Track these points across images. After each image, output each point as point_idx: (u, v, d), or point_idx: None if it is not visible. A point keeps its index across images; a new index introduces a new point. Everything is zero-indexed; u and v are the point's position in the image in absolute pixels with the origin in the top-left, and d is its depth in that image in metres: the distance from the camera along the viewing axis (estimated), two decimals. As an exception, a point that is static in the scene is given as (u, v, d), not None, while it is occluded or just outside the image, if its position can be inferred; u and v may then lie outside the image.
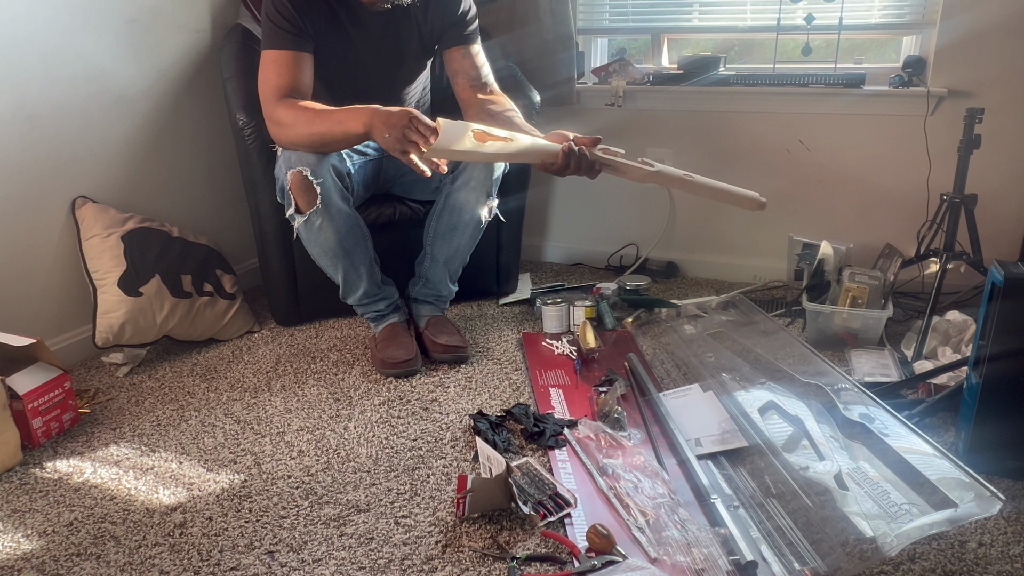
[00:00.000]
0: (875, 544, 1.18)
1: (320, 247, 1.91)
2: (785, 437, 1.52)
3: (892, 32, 2.43)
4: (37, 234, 1.98)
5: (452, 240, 2.00)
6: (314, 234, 1.88)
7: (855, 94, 2.33)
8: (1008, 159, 2.24)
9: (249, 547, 1.33)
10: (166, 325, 2.03)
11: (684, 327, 2.16)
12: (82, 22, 2.00)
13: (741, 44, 2.69)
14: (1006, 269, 1.41)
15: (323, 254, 1.93)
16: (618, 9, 2.67)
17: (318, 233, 1.87)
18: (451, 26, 1.98)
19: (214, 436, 1.70)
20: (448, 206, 1.99)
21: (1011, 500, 1.38)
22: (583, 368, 1.94)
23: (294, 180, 1.80)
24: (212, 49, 2.39)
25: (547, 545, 1.30)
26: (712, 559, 1.22)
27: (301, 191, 1.80)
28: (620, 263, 2.76)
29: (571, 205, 2.83)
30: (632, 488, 1.41)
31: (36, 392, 1.66)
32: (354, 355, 2.08)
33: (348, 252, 1.93)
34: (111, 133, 2.12)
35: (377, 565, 1.28)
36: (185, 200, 2.38)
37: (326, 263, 1.96)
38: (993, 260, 1.50)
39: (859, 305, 2.03)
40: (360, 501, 1.45)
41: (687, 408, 1.68)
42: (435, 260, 2.06)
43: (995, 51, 2.17)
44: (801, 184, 2.49)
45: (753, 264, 2.61)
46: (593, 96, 2.63)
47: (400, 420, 1.74)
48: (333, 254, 1.92)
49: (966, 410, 1.50)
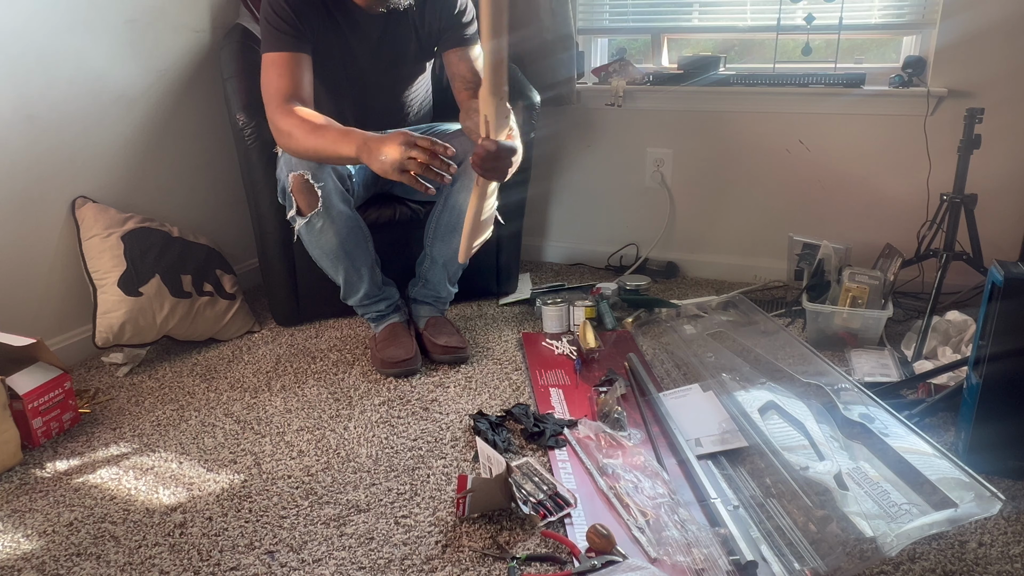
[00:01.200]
0: (875, 544, 1.18)
1: (321, 249, 1.91)
2: (785, 437, 1.52)
3: (892, 32, 2.43)
4: (37, 234, 1.98)
5: (451, 241, 2.00)
6: (315, 236, 1.88)
7: (855, 94, 2.33)
8: (1008, 159, 2.24)
9: (249, 547, 1.33)
10: (166, 325, 2.03)
11: (684, 327, 2.16)
12: (82, 22, 2.00)
13: (741, 44, 2.69)
14: (1006, 269, 1.41)
15: (324, 256, 1.93)
16: (618, 9, 2.67)
17: (319, 235, 1.87)
18: (448, 28, 1.97)
19: (214, 436, 1.70)
20: (448, 207, 1.99)
21: (1011, 500, 1.38)
22: (583, 368, 1.94)
23: (296, 183, 1.80)
24: (212, 49, 2.39)
25: (547, 545, 1.30)
26: (712, 559, 1.22)
27: (302, 193, 1.81)
28: (620, 263, 2.76)
29: (571, 205, 2.83)
30: (632, 488, 1.41)
31: (36, 392, 1.66)
32: (354, 355, 2.08)
33: (349, 254, 1.93)
34: (111, 133, 2.12)
35: (377, 565, 1.28)
36: (185, 200, 2.38)
37: (327, 265, 1.96)
38: (993, 260, 1.50)
39: (859, 305, 2.03)
40: (360, 501, 1.45)
41: (687, 408, 1.68)
42: (434, 261, 2.06)
43: (995, 51, 2.17)
44: (801, 184, 2.49)
45: (753, 264, 2.61)
46: (593, 96, 2.63)
47: (400, 420, 1.74)
48: (334, 256, 1.92)
49: (966, 410, 1.50)
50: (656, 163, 2.64)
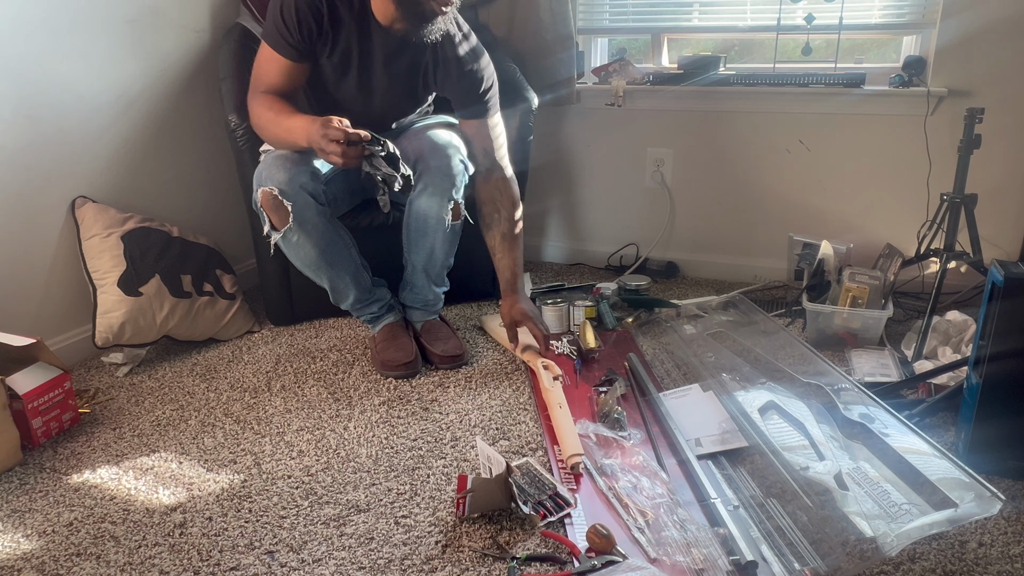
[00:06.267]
0: (875, 544, 1.18)
1: (302, 261, 1.90)
2: (785, 437, 1.52)
3: (892, 32, 2.43)
4: (37, 234, 1.98)
5: (423, 245, 1.98)
6: (293, 249, 1.87)
7: (855, 94, 2.33)
8: (1008, 159, 2.24)
9: (249, 547, 1.33)
10: (166, 325, 2.03)
11: (684, 327, 2.16)
12: (82, 22, 2.00)
13: (741, 44, 2.69)
14: (1006, 269, 1.41)
15: (306, 267, 1.92)
16: (618, 9, 2.67)
17: (297, 248, 1.86)
18: (471, 103, 1.93)
19: (214, 436, 1.70)
20: (413, 214, 1.95)
21: (1011, 500, 1.38)
22: (583, 368, 1.94)
23: (264, 199, 1.78)
24: (212, 49, 2.39)
25: (547, 545, 1.30)
26: (712, 559, 1.22)
27: (273, 210, 1.79)
28: (620, 263, 2.76)
29: (571, 205, 2.83)
30: (631, 488, 1.41)
31: (36, 392, 1.66)
32: (354, 355, 2.08)
33: (331, 264, 1.91)
34: (111, 133, 2.12)
35: (377, 565, 1.28)
36: (185, 200, 2.38)
37: (311, 275, 1.95)
38: (993, 260, 1.50)
39: (859, 305, 2.03)
40: (360, 501, 1.45)
41: (687, 408, 1.68)
42: (414, 267, 2.04)
43: (995, 51, 2.17)
44: (801, 184, 2.49)
45: (753, 264, 2.61)
46: (593, 96, 2.63)
47: (400, 420, 1.74)
48: (316, 266, 1.91)
49: (966, 410, 1.50)
50: (656, 163, 2.64)
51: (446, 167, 1.86)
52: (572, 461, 1.48)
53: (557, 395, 1.70)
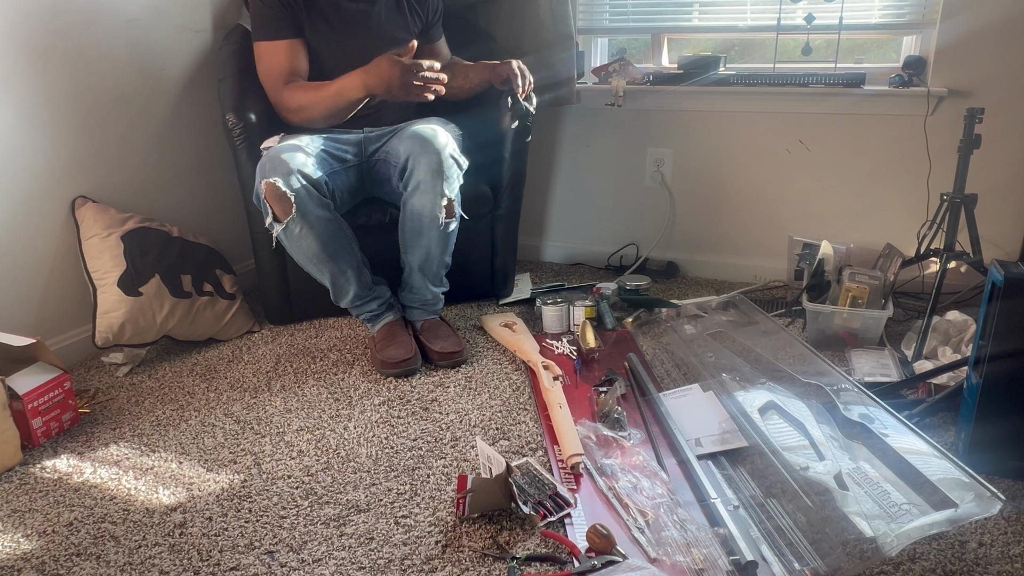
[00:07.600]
0: (875, 544, 1.18)
1: (303, 254, 1.91)
2: (785, 437, 1.52)
3: (892, 32, 2.43)
4: (37, 234, 1.98)
5: (419, 245, 1.98)
6: (295, 241, 1.88)
7: (855, 94, 2.33)
8: (1008, 159, 2.24)
9: (249, 547, 1.33)
10: (166, 325, 2.03)
11: (684, 327, 2.16)
12: (82, 21, 2.00)
13: (741, 44, 2.69)
14: (1006, 269, 1.41)
15: (307, 261, 1.93)
16: (618, 9, 2.67)
17: (299, 240, 1.87)
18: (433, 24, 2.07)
19: (214, 436, 1.70)
20: (406, 213, 1.96)
21: (1011, 500, 1.38)
22: (583, 368, 1.94)
23: (268, 190, 1.80)
24: (212, 49, 2.39)
25: (547, 545, 1.30)
26: (712, 559, 1.22)
27: (276, 201, 1.81)
28: (620, 263, 2.76)
29: (571, 205, 2.83)
30: (631, 488, 1.41)
31: (36, 392, 1.66)
32: (354, 355, 2.08)
33: (333, 257, 1.92)
34: (111, 133, 2.12)
35: (377, 565, 1.28)
36: (185, 200, 2.38)
37: (312, 269, 1.96)
38: (993, 260, 1.50)
39: (859, 305, 2.03)
40: (360, 501, 1.45)
41: (687, 408, 1.68)
42: (411, 267, 2.04)
43: (995, 51, 2.17)
44: (801, 184, 2.49)
45: (753, 264, 2.61)
46: (593, 96, 2.63)
47: (400, 420, 1.74)
48: (318, 259, 1.92)
49: (966, 410, 1.50)
50: (656, 163, 2.64)
51: (436, 163, 1.88)
52: (572, 461, 1.49)
53: (557, 395, 1.71)
